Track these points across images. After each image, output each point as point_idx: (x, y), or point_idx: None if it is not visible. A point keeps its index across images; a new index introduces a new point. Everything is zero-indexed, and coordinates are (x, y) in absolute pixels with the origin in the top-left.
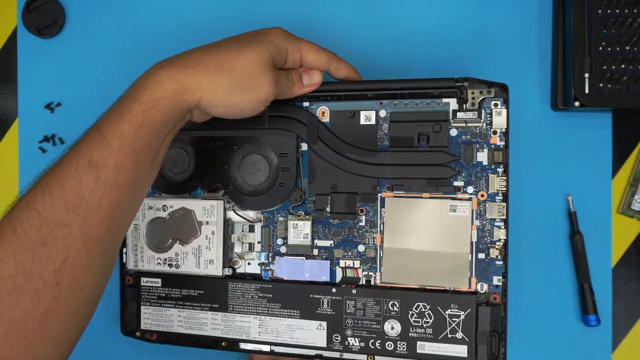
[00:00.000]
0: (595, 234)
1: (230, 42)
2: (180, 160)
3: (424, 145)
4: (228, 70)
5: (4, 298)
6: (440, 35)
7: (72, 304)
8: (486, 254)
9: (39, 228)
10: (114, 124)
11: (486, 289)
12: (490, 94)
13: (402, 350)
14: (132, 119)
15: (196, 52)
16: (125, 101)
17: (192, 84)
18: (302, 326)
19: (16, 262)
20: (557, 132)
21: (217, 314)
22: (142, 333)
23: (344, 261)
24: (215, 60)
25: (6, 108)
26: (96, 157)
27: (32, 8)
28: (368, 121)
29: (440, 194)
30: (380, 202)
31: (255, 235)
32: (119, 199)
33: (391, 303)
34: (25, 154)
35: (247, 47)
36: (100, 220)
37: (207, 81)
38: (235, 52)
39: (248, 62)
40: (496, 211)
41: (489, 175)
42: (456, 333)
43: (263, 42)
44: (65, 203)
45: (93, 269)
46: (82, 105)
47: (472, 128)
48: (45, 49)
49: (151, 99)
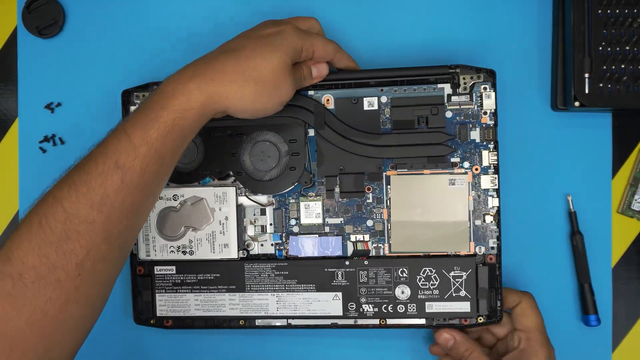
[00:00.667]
0: (595, 234)
1: (249, 46)
2: (188, 150)
3: (423, 127)
4: (252, 78)
5: (28, 287)
6: (441, 35)
7: (91, 293)
8: (482, 221)
9: (63, 223)
10: (142, 129)
11: (483, 251)
12: (479, 79)
13: (412, 312)
14: (161, 126)
15: (219, 59)
16: (153, 109)
17: (220, 94)
18: (318, 298)
19: (41, 255)
20: (557, 132)
21: (235, 295)
22: (157, 320)
23: (354, 236)
24: (238, 68)
25: (6, 108)
26: (123, 159)
27: (32, 8)
28: (371, 107)
29: (440, 170)
30: (385, 180)
31: (267, 218)
32: (141, 199)
33: (400, 270)
34: (25, 154)
35: (268, 53)
36: (122, 217)
37: (234, 91)
38: (258, 60)
39: (271, 70)
40: (489, 182)
41: (481, 151)
42: (460, 292)
43: (282, 46)
44: (90, 201)
45: (112, 261)
46: (82, 105)
47: (465, 110)
48: (45, 49)
49: (180, 109)
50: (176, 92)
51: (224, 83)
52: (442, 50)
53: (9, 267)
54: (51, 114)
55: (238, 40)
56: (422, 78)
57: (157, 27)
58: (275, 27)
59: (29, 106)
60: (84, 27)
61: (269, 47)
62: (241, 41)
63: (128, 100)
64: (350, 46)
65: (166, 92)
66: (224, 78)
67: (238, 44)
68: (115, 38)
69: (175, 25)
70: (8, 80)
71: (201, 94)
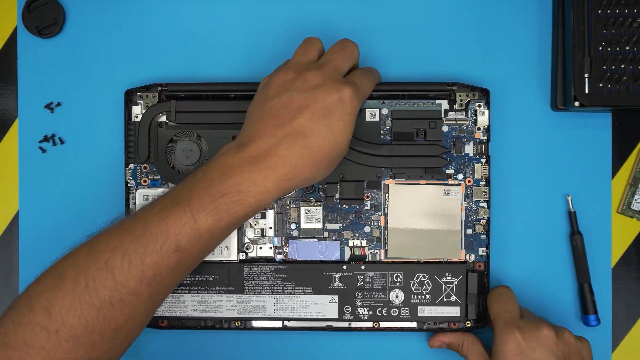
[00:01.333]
0: (595, 234)
1: (317, 130)
2: (192, 152)
3: (421, 140)
4: (325, 165)
5: (62, 344)
6: (441, 34)
7: (121, 350)
8: (473, 230)
9: (111, 290)
10: (212, 218)
11: (473, 259)
12: (474, 96)
13: (405, 315)
14: (232, 221)
15: (292, 150)
16: (226, 200)
17: (287, 189)
18: (315, 301)
19: (81, 316)
20: (557, 132)
21: (233, 296)
22: (152, 320)
23: (352, 241)
24: (315, 160)
25: (6, 108)
26: (184, 243)
27: (32, 8)
28: (372, 118)
29: (435, 181)
30: (384, 189)
31: (267, 222)
32: (188, 271)
33: (395, 275)
34: (25, 154)
35: (339, 136)
36: (168, 290)
37: (309, 180)
38: (336, 149)
39: (342, 152)
40: (480, 194)
41: (474, 165)
42: (450, 297)
43: (348, 123)
44: (142, 275)
45: (146, 322)
46: (82, 105)
47: (460, 125)
48: (45, 49)
49: (254, 206)
50: (240, 185)
51: (303, 179)
52: (442, 50)
53: (48, 322)
54: (51, 114)
55: (294, 111)
56: (421, 93)
57: (158, 27)
58: (336, 92)
59: (29, 106)
60: (84, 27)
61: (340, 128)
62: (302, 117)
63: (130, 100)
64: None
65: (229, 183)
66: (304, 174)
67: (299, 122)
68: (115, 38)
69: (176, 25)
70: (8, 80)
71: (278, 191)
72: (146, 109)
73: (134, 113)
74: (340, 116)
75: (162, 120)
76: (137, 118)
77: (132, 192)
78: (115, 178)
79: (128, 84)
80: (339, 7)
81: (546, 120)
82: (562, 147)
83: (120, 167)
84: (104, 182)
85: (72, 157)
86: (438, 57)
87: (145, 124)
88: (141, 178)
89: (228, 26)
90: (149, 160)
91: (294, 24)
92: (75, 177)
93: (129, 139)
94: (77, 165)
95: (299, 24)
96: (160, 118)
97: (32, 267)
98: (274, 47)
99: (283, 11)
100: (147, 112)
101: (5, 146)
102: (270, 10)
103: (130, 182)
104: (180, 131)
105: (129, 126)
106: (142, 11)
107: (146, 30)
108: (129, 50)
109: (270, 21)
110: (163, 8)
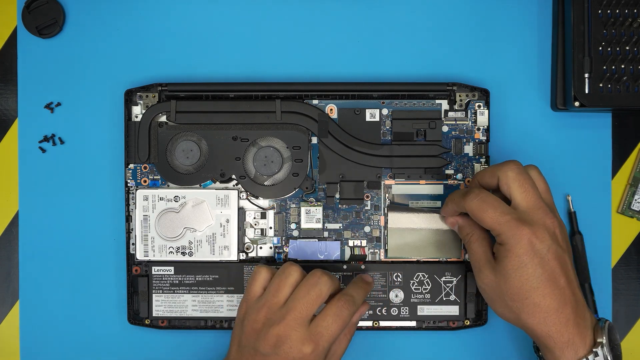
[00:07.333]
0: (595, 234)
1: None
2: (192, 152)
3: (421, 140)
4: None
5: None
6: (441, 34)
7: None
8: None
9: None
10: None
11: None
12: (474, 97)
13: (405, 314)
14: None
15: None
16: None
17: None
18: None
19: None
20: (557, 132)
21: (233, 296)
22: (153, 320)
23: (352, 241)
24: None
25: (6, 108)
26: None
27: (32, 8)
28: (373, 118)
29: (435, 181)
30: (383, 189)
31: (267, 222)
32: None
33: (395, 275)
34: (25, 154)
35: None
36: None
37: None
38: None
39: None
40: None
41: (474, 164)
42: (450, 296)
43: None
44: None
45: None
46: (82, 105)
47: (460, 125)
48: (45, 49)
49: None
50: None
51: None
52: (442, 50)
53: None
54: (51, 114)
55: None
56: (421, 93)
57: (158, 27)
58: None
59: (29, 106)
60: (84, 27)
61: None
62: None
63: (130, 100)
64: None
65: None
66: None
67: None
68: (115, 38)
69: (176, 25)
70: (8, 80)
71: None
72: (146, 109)
73: (134, 113)
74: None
75: (162, 120)
76: (137, 118)
77: (132, 192)
78: (115, 178)
79: (128, 84)
80: (339, 7)
81: (546, 120)
82: (562, 147)
83: (120, 167)
84: (104, 182)
85: (72, 157)
86: (438, 57)
87: (145, 124)
88: (141, 178)
89: (228, 26)
90: (149, 160)
91: (294, 24)
92: (75, 177)
93: (129, 139)
94: (77, 165)
95: (299, 24)
96: (160, 118)
97: (32, 267)
98: (274, 47)
99: (283, 11)
100: (147, 112)
101: (5, 146)
102: (271, 10)
103: (130, 182)
104: (180, 131)
105: (129, 126)
106: (142, 11)
107: (146, 30)
108: (128, 50)
109: (270, 21)
110: (163, 8)
